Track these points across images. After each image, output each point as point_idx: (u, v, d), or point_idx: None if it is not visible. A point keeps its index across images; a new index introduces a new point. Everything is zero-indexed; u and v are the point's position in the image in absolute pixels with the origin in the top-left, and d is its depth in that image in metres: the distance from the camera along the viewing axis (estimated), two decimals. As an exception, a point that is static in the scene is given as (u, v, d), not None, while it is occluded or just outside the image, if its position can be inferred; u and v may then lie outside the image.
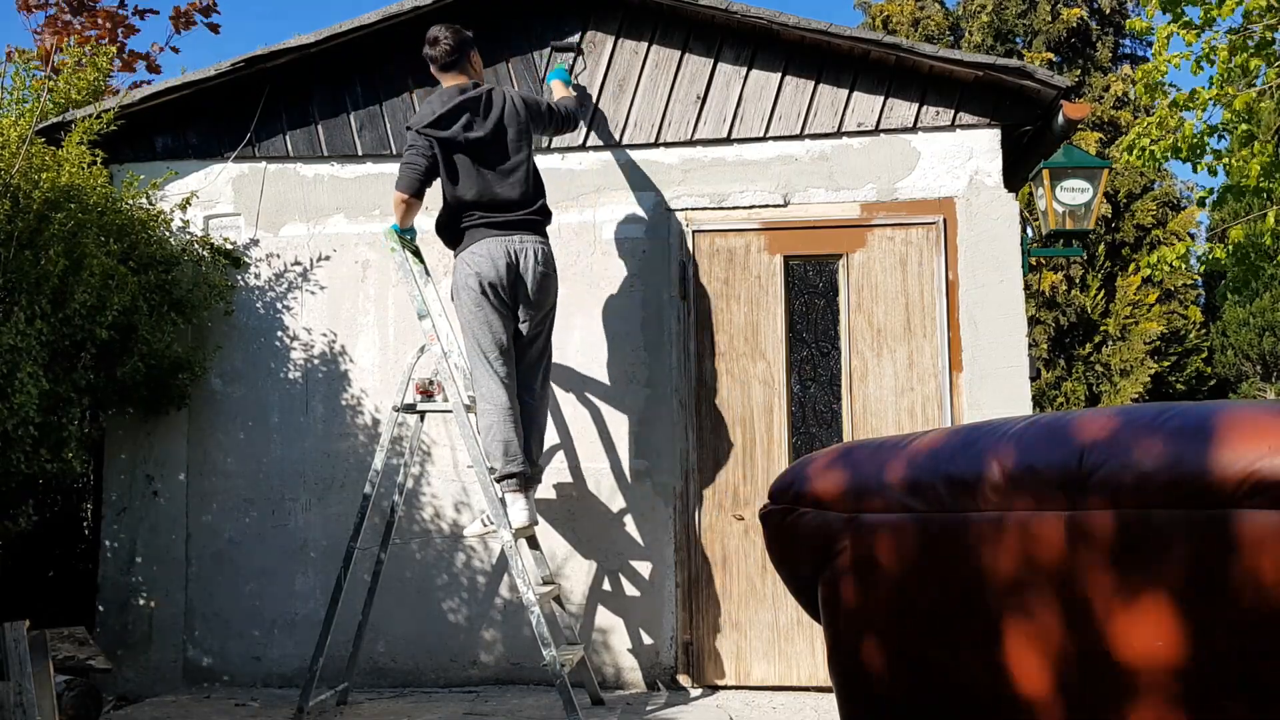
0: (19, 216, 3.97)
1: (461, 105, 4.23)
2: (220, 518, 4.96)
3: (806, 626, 4.64)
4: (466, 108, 4.23)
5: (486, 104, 4.28)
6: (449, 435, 4.87)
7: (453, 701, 4.49)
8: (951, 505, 1.83)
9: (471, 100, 4.25)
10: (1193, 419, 1.61)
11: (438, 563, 4.85)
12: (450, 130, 4.20)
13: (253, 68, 4.94)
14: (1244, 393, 14.58)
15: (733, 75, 4.91)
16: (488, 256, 4.17)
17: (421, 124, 4.22)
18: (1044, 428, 1.78)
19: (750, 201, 4.87)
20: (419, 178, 4.25)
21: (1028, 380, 4.69)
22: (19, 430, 3.91)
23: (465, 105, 4.23)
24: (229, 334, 5.02)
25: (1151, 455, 1.60)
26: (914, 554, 1.89)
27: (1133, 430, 1.65)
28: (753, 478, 4.77)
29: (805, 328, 4.87)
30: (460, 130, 4.20)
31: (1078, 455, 1.68)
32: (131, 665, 4.88)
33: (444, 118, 4.21)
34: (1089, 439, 1.68)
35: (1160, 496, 1.58)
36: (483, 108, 4.26)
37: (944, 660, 1.87)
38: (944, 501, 1.84)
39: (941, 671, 1.87)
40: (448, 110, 4.21)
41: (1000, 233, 4.73)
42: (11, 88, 5.03)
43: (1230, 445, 1.52)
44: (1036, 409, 10.52)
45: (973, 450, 1.84)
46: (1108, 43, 15.53)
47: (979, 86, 4.75)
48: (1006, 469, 1.77)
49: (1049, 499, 1.70)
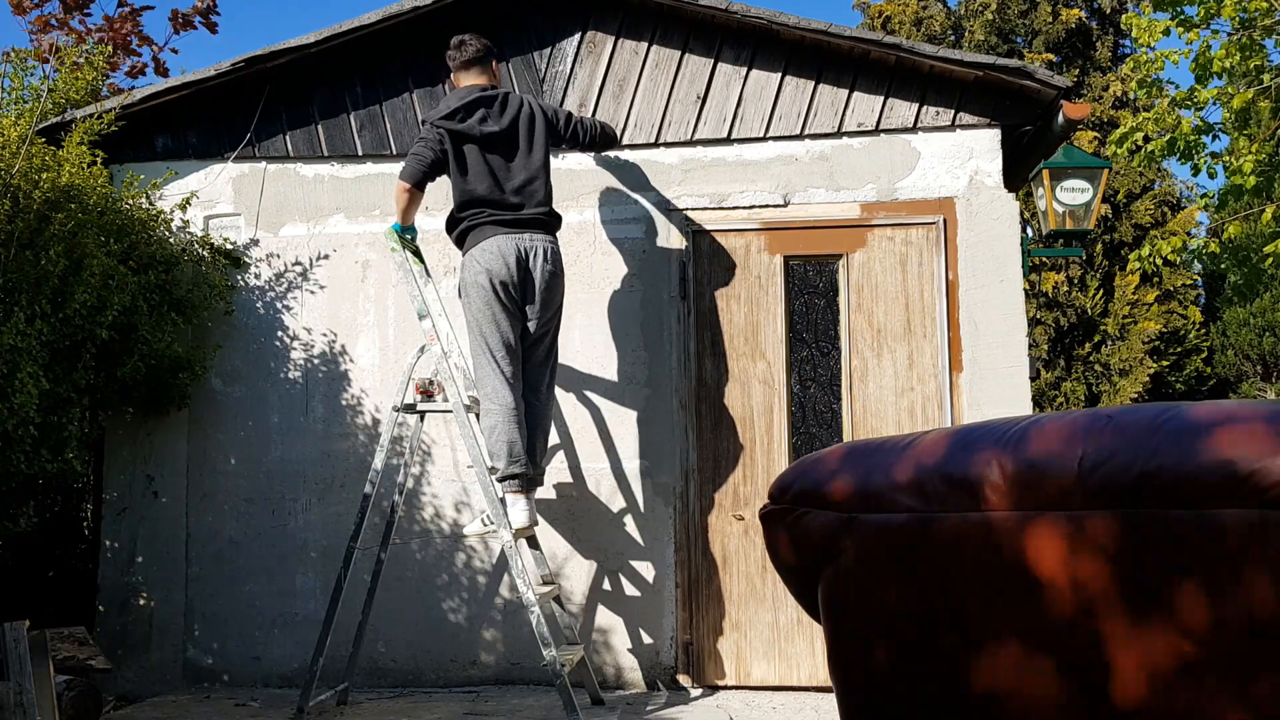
0: (19, 216, 3.97)
1: (478, 100, 4.28)
2: (220, 518, 4.96)
3: (806, 626, 4.64)
4: (483, 103, 4.28)
5: (503, 103, 4.31)
6: (449, 435, 4.87)
7: (453, 701, 4.49)
8: (952, 505, 1.83)
9: (489, 98, 4.30)
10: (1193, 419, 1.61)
11: (438, 563, 4.85)
12: (465, 123, 4.24)
13: (252, 68, 4.94)
14: (1244, 393, 14.59)
15: (733, 75, 4.91)
16: (498, 254, 4.16)
17: (436, 116, 4.27)
18: (1044, 428, 1.78)
19: (750, 201, 4.87)
20: (423, 169, 4.28)
21: (1028, 380, 4.69)
22: (19, 430, 3.92)
23: (482, 101, 4.28)
24: (229, 334, 5.02)
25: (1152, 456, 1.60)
26: (914, 554, 1.89)
27: (1133, 430, 1.65)
28: (753, 478, 4.77)
29: (805, 328, 4.87)
30: (475, 124, 4.24)
31: (1078, 455, 1.68)
32: (131, 665, 4.88)
33: (458, 110, 4.26)
34: (1089, 439, 1.68)
35: (1161, 497, 1.58)
36: (499, 105, 4.30)
37: (944, 661, 1.87)
38: (944, 501, 1.84)
39: (942, 672, 1.88)
40: (464, 104, 4.26)
41: (1000, 233, 4.73)
42: (11, 88, 5.03)
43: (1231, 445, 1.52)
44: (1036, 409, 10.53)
45: (973, 450, 1.84)
46: (1107, 43, 15.53)
47: (979, 86, 4.75)
48: (1007, 469, 1.77)
49: (1049, 499, 1.70)
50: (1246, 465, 1.50)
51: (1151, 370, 13.68)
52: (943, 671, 1.88)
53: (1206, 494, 1.53)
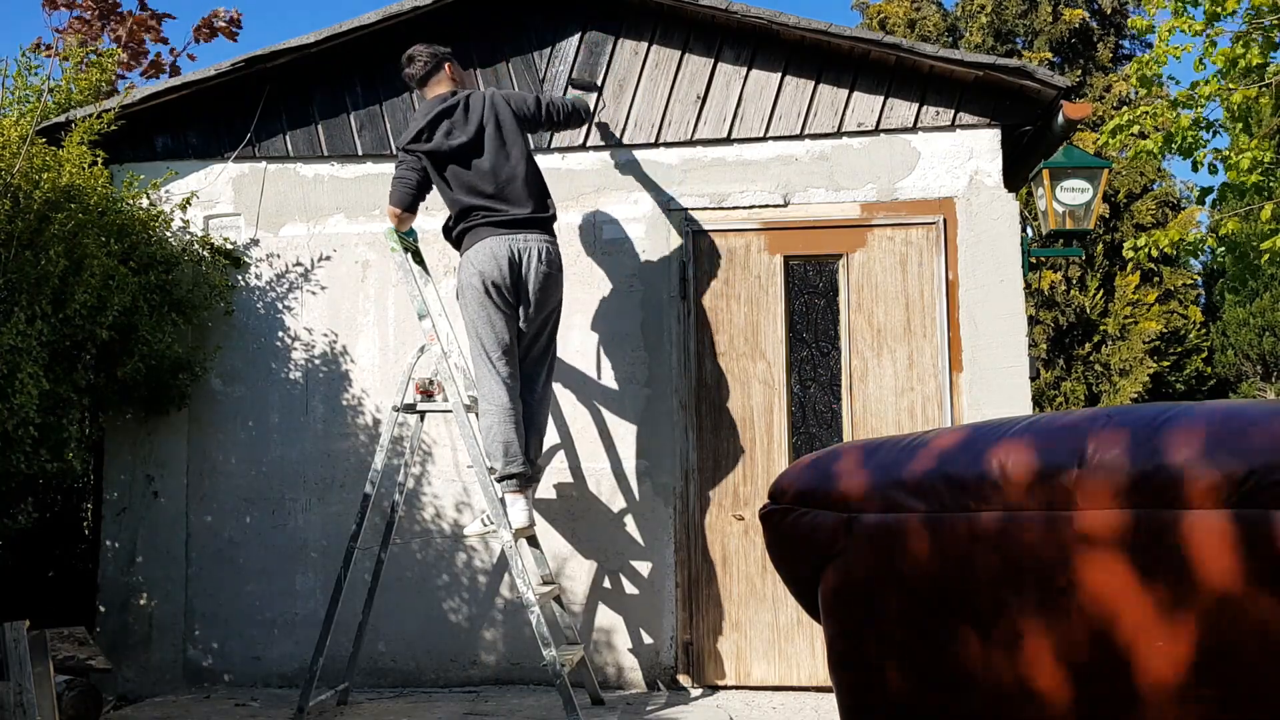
0: (19, 216, 3.97)
1: (439, 115, 4.26)
2: (220, 518, 4.96)
3: (806, 626, 4.64)
4: (444, 116, 4.27)
5: (465, 109, 4.29)
6: (450, 435, 4.87)
7: (453, 701, 4.49)
8: (952, 505, 1.83)
9: (448, 109, 4.28)
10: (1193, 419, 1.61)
11: (438, 563, 4.85)
12: (433, 142, 4.24)
13: (252, 68, 4.94)
14: (1244, 393, 14.59)
15: (733, 75, 4.91)
16: (490, 255, 4.17)
17: (404, 141, 4.30)
18: (1044, 428, 1.78)
19: (750, 201, 4.87)
20: (410, 192, 4.31)
21: (1028, 380, 4.69)
22: (19, 430, 3.91)
23: (442, 114, 4.27)
24: (229, 334, 5.02)
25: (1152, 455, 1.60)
26: (914, 554, 1.89)
27: (1133, 430, 1.65)
28: (753, 478, 4.77)
29: (805, 328, 4.87)
30: (442, 139, 4.24)
31: (1078, 455, 1.68)
32: (131, 665, 4.88)
33: (423, 131, 4.26)
34: (1090, 439, 1.68)
35: (1161, 497, 1.58)
36: (460, 112, 4.28)
37: (944, 660, 1.87)
38: (944, 501, 1.84)
39: (942, 671, 1.88)
40: (426, 123, 4.26)
41: (1000, 233, 4.73)
42: (13, 87, 5.03)
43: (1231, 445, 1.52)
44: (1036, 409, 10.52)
45: (973, 450, 1.84)
46: (1108, 43, 15.53)
47: (979, 86, 4.75)
48: (1007, 469, 1.77)
49: (1050, 499, 1.70)
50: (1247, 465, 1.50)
51: (1151, 370, 13.67)
52: (943, 671, 1.88)
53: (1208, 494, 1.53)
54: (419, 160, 4.26)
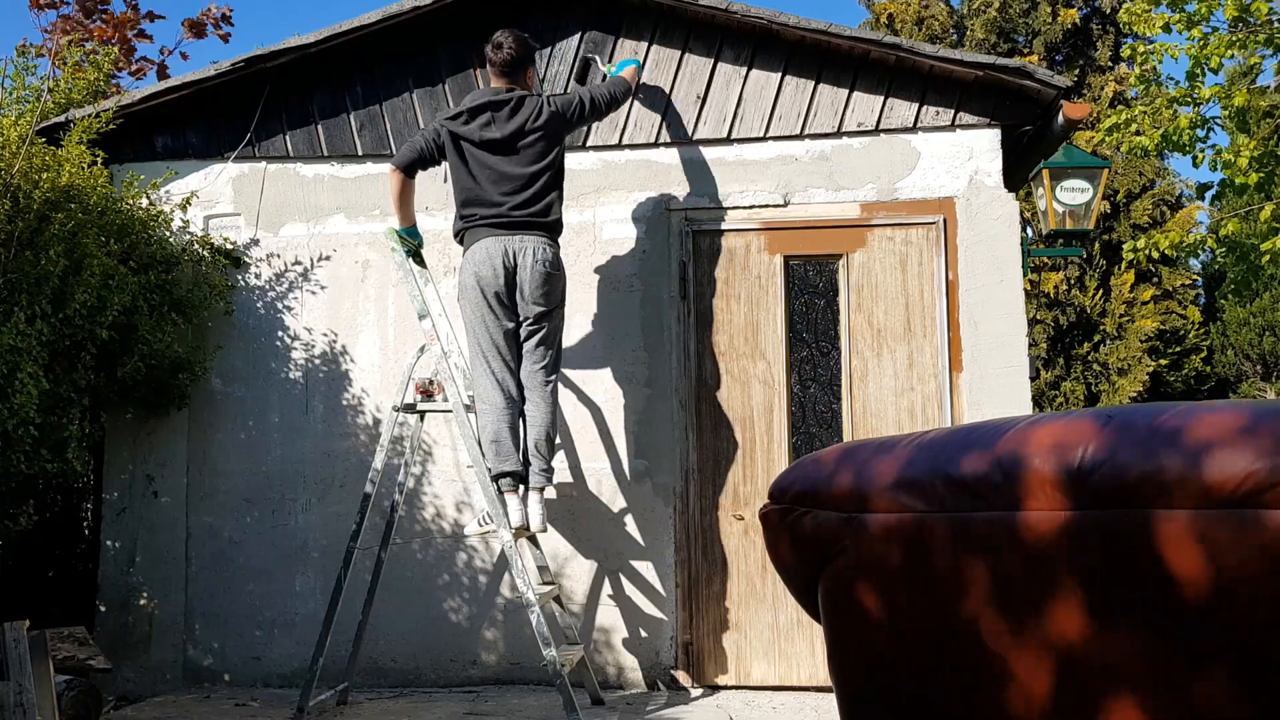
0: (19, 217, 3.97)
1: (486, 105, 4.30)
2: (220, 518, 4.96)
3: (806, 626, 4.64)
4: (490, 108, 4.30)
5: (514, 108, 4.30)
6: (450, 435, 4.87)
7: (453, 701, 4.49)
8: (952, 505, 1.83)
9: (499, 102, 4.30)
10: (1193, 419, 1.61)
11: (438, 562, 4.85)
12: (467, 126, 4.28)
13: (252, 68, 4.94)
14: (1244, 392, 14.59)
15: (733, 75, 4.91)
16: (486, 256, 4.19)
17: (445, 115, 4.37)
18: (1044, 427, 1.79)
19: (750, 201, 4.87)
20: (413, 155, 4.34)
21: (1028, 380, 4.69)
22: (19, 430, 3.91)
23: (489, 105, 4.30)
24: (229, 334, 5.02)
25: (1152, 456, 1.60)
26: (914, 554, 1.89)
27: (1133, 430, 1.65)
28: (753, 478, 4.77)
29: (805, 328, 4.87)
30: (476, 128, 4.27)
31: (1078, 455, 1.68)
32: (131, 665, 4.88)
33: (463, 113, 4.30)
34: (1089, 439, 1.68)
35: (1161, 497, 1.58)
36: (509, 110, 4.29)
37: (945, 661, 1.87)
38: (945, 502, 1.84)
39: (942, 672, 1.88)
40: (471, 108, 4.31)
41: (1000, 233, 4.73)
42: (12, 88, 5.03)
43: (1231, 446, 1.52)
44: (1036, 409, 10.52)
45: (973, 450, 1.84)
46: (1108, 43, 15.53)
47: (979, 86, 4.75)
48: (1007, 469, 1.77)
49: (1050, 499, 1.70)
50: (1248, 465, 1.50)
51: (1150, 369, 13.67)
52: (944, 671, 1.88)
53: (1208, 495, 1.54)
54: (439, 136, 4.31)
